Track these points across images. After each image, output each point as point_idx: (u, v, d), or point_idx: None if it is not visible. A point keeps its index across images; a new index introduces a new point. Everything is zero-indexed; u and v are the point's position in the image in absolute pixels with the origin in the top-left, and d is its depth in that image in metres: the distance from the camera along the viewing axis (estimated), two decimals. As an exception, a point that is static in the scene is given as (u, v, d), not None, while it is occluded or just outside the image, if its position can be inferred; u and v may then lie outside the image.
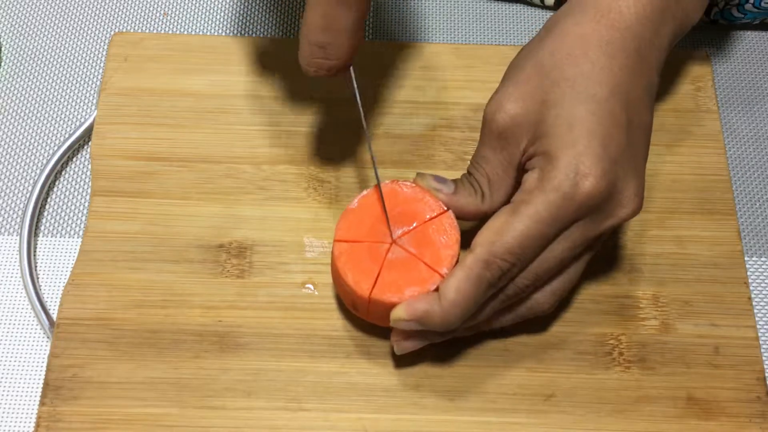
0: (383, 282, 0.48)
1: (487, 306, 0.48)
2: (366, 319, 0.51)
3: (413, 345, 0.50)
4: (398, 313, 0.47)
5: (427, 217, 0.50)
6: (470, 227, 0.56)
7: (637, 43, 0.48)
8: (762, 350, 0.54)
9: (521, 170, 0.49)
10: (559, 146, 0.46)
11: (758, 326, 0.55)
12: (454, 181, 0.51)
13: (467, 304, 0.46)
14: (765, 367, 0.54)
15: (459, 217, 0.50)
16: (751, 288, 0.57)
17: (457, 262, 0.50)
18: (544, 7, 0.67)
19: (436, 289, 0.49)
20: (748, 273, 0.57)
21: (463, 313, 0.46)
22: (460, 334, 0.50)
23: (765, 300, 0.58)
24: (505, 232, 0.46)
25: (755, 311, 0.56)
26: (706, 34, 0.67)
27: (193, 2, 0.68)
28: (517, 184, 0.49)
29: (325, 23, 0.46)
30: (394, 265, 0.49)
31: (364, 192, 0.51)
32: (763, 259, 0.59)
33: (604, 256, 0.56)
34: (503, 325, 0.51)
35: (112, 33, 0.63)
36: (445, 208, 0.50)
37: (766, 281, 0.58)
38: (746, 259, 0.58)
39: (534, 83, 0.48)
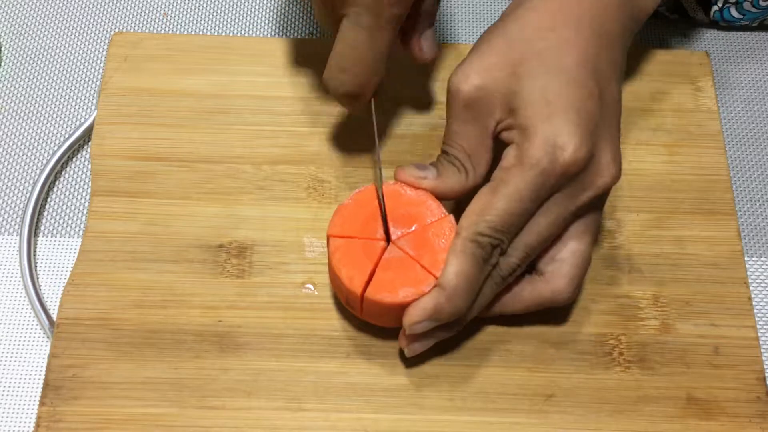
0: (378, 281, 0.48)
1: (486, 288, 0.49)
2: (359, 316, 0.51)
3: (423, 345, 0.50)
4: (411, 318, 0.48)
5: (428, 221, 0.50)
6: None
7: (601, 19, 0.49)
8: (762, 350, 0.54)
9: (496, 140, 0.49)
10: (536, 120, 0.47)
11: (758, 326, 0.55)
12: (433, 164, 0.51)
13: (469, 285, 0.47)
14: (765, 367, 0.54)
15: (446, 198, 0.50)
16: (751, 288, 0.57)
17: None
18: None
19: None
20: (748, 273, 0.57)
21: (467, 296, 0.47)
22: (466, 321, 0.51)
23: (765, 300, 0.58)
24: (488, 211, 0.47)
25: (755, 311, 0.56)
26: (707, 34, 0.67)
27: (193, 2, 0.68)
28: (493, 153, 0.50)
29: (351, 50, 0.50)
30: (391, 265, 0.49)
31: (359, 188, 0.51)
32: (763, 259, 0.59)
33: (604, 255, 0.56)
34: (520, 313, 0.51)
35: (112, 33, 0.63)
36: (446, 213, 0.50)
37: (766, 281, 0.58)
38: (746, 259, 0.58)
39: (501, 55, 0.48)
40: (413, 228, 0.50)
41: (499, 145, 0.49)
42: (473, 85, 0.48)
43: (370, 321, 0.52)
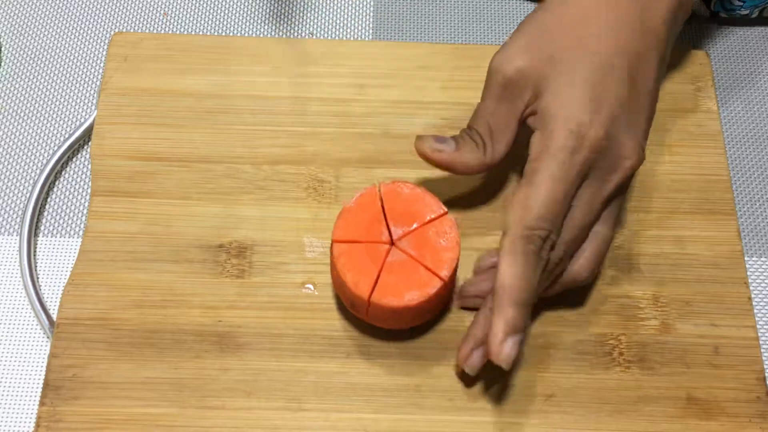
0: (383, 285, 0.48)
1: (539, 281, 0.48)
2: (365, 319, 0.51)
3: (481, 359, 0.49)
4: (497, 346, 0.46)
5: (428, 218, 0.50)
6: (471, 229, 0.56)
7: (645, 10, 0.50)
8: (762, 350, 0.54)
9: (522, 123, 0.50)
10: (558, 104, 0.48)
11: (758, 326, 0.55)
12: (454, 138, 0.51)
13: (528, 284, 0.46)
14: (765, 367, 0.54)
15: (462, 172, 0.51)
16: (751, 288, 0.57)
17: (456, 265, 0.50)
18: None
19: (438, 292, 0.49)
20: (748, 273, 0.57)
21: (529, 294, 0.47)
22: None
23: (765, 300, 0.58)
24: (530, 203, 0.47)
25: (755, 311, 0.56)
26: (707, 34, 0.67)
27: (193, 2, 0.68)
28: (517, 136, 0.50)
29: None
30: (394, 268, 0.49)
31: (362, 191, 0.51)
32: (763, 259, 0.59)
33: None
34: (549, 296, 0.52)
35: (112, 33, 0.63)
36: (445, 210, 0.50)
37: (766, 281, 0.58)
38: (746, 259, 0.58)
39: (542, 41, 0.49)
40: (414, 226, 0.50)
41: (525, 133, 0.50)
42: (513, 66, 0.49)
43: (375, 324, 0.52)
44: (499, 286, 0.46)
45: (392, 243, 0.50)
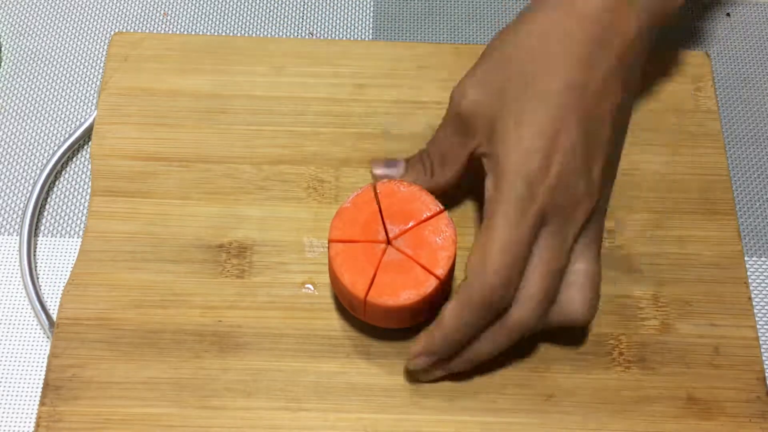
0: (379, 284, 0.49)
1: (487, 334, 0.48)
2: (363, 319, 0.51)
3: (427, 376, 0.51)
4: (411, 352, 0.49)
5: (424, 216, 0.50)
6: (468, 227, 0.56)
7: (599, 33, 0.48)
8: (762, 350, 0.54)
9: (475, 158, 0.50)
10: (507, 148, 0.47)
11: (758, 326, 0.55)
12: (407, 160, 0.54)
13: (462, 327, 0.47)
14: (765, 367, 0.54)
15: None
16: (751, 288, 0.57)
17: (453, 263, 0.50)
18: None
19: (434, 291, 0.49)
20: (748, 273, 0.57)
21: (460, 336, 0.48)
22: (473, 364, 0.50)
23: (765, 300, 0.58)
24: (488, 249, 0.46)
25: (755, 311, 0.56)
26: (707, 34, 0.67)
27: (193, 2, 0.68)
28: (468, 166, 0.51)
29: None
30: (390, 267, 0.49)
31: (358, 191, 0.51)
32: (763, 259, 0.59)
33: (604, 256, 0.56)
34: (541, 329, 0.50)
35: (112, 33, 0.63)
36: (441, 207, 0.50)
37: (766, 281, 0.58)
38: (746, 259, 0.58)
39: (497, 74, 0.49)
40: (410, 225, 0.50)
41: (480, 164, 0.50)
42: (468, 101, 0.49)
43: (373, 323, 0.52)
44: (439, 319, 0.48)
45: (388, 242, 0.50)
